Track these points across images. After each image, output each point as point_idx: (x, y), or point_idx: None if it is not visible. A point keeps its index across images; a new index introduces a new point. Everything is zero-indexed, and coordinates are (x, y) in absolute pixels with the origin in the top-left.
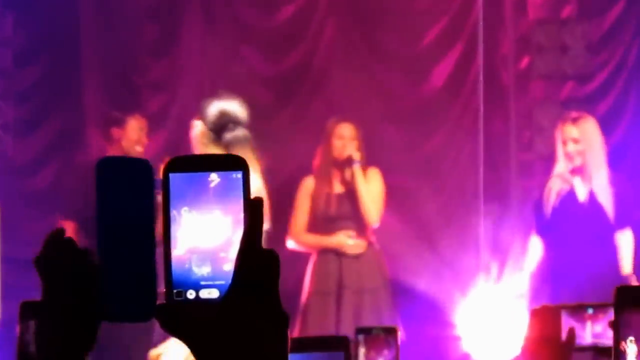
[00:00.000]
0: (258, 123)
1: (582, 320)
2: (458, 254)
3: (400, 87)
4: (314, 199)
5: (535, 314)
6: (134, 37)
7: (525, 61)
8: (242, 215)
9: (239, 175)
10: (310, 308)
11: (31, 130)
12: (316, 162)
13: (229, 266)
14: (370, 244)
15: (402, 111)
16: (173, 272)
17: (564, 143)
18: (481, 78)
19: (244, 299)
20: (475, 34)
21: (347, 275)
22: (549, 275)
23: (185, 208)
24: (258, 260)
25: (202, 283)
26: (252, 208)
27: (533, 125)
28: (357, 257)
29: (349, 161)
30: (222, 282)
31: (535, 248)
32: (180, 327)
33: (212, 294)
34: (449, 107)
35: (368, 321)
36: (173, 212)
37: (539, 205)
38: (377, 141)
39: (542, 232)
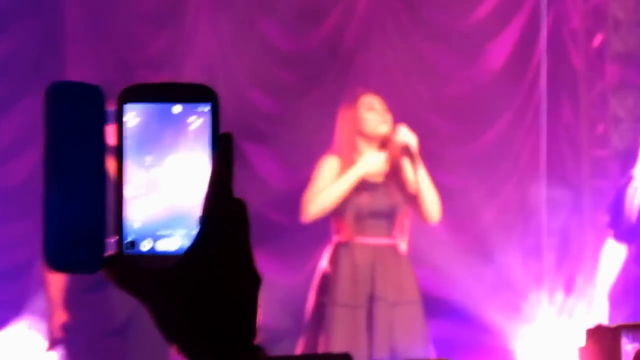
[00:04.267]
0: (279, 108)
1: None
2: (518, 269)
3: (449, 69)
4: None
5: (590, 335)
6: (129, 4)
7: (598, 38)
8: (209, 155)
9: (207, 108)
10: (334, 323)
11: (1, 116)
12: (338, 138)
13: (192, 213)
14: (401, 243)
15: (451, 98)
16: (126, 219)
17: None
18: (545, 59)
19: (211, 252)
20: (538, 5)
21: (381, 282)
22: (634, 293)
23: (143, 145)
24: (228, 208)
25: (160, 232)
26: (222, 146)
27: (608, 116)
28: (393, 262)
29: (406, 151)
30: (184, 232)
31: (613, 258)
32: (133, 281)
33: (171, 245)
34: (508, 94)
35: (402, 342)
36: (128, 149)
37: (617, 207)
38: (421, 133)
39: (625, 240)
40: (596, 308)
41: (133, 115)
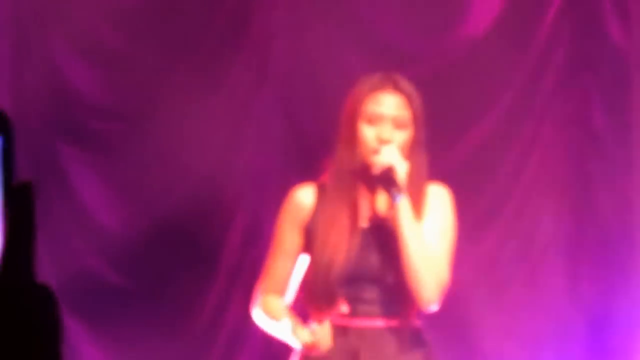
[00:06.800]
0: (121, 94)
1: None
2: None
3: (407, 41)
4: (322, 234)
5: None
6: None
7: None
8: None
9: None
10: None
11: None
12: (333, 161)
13: None
14: (419, 337)
15: (413, 79)
16: None
17: None
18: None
19: None
20: None
21: None
22: None
23: None
24: (28, 297)
25: None
26: (19, 201)
27: None
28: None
29: (385, 179)
30: None
31: None
32: None
33: None
34: (507, 66)
35: None
36: None
37: None
38: None
39: None
40: None
41: None
